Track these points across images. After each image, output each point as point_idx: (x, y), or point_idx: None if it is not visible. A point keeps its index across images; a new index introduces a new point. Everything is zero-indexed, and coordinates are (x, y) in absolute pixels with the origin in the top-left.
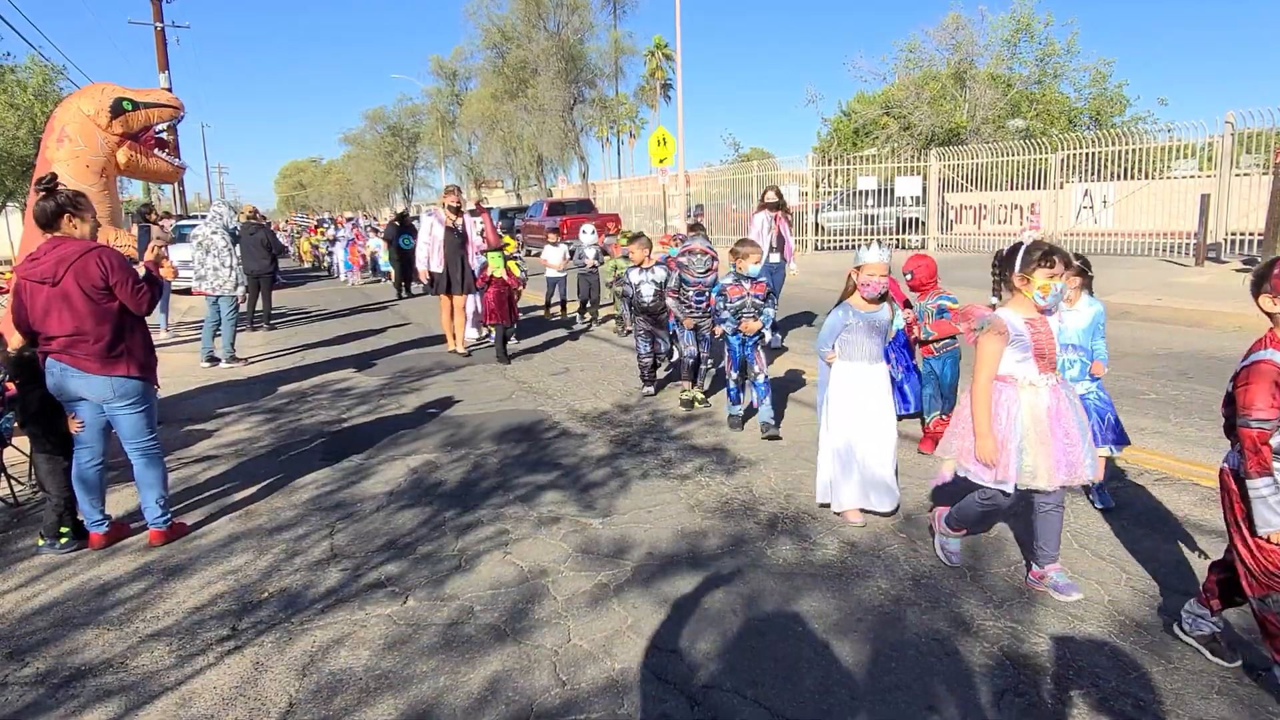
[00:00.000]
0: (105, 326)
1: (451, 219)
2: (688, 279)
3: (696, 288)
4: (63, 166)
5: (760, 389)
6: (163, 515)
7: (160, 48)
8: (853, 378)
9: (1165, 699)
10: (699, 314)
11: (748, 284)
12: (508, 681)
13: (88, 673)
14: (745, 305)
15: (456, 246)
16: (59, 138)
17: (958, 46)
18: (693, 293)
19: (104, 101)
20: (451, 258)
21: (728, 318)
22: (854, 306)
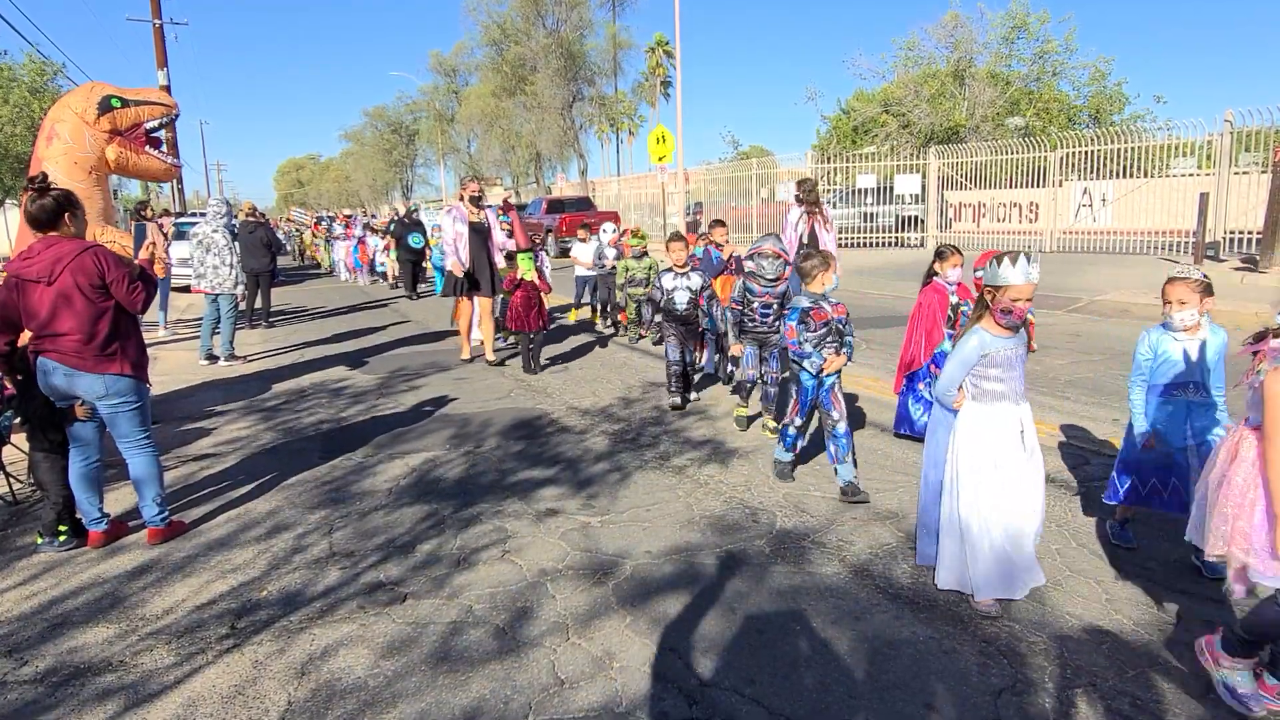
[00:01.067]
0: (100, 325)
1: (473, 212)
2: (753, 288)
3: (763, 299)
4: (53, 164)
5: (842, 442)
6: (160, 513)
7: (158, 45)
8: (993, 423)
9: (1163, 698)
10: (765, 330)
11: (828, 306)
12: (507, 680)
13: (87, 671)
14: (829, 334)
15: (480, 243)
16: (49, 136)
17: (957, 44)
18: (758, 305)
19: (93, 99)
20: (476, 255)
21: (809, 351)
22: (989, 331)
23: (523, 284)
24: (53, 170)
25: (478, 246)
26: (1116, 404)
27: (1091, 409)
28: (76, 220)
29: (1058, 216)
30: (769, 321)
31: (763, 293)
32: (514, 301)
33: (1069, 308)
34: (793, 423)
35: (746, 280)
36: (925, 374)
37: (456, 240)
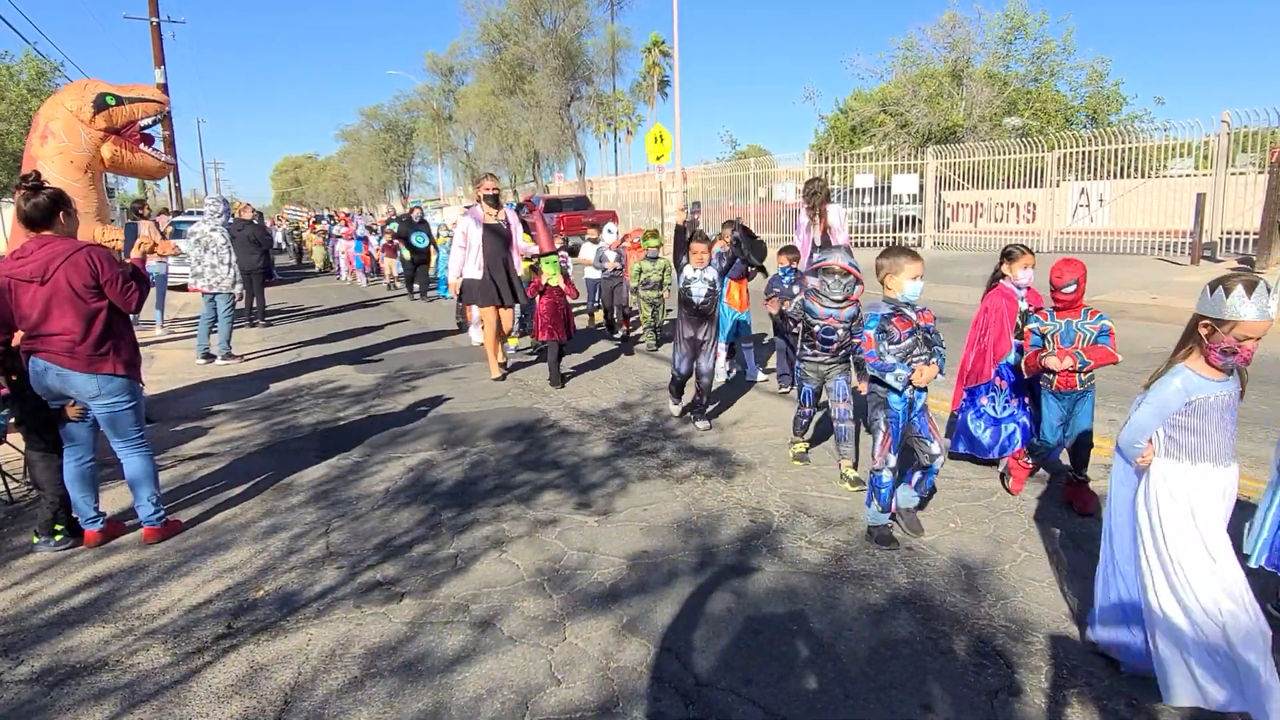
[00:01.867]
0: (93, 325)
1: (491, 214)
2: (814, 309)
3: (826, 322)
4: (48, 163)
5: (931, 477)
6: (155, 512)
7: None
8: (1199, 488)
9: (1158, 697)
10: (829, 360)
11: (912, 313)
12: (504, 680)
13: (83, 671)
14: (916, 345)
15: (500, 247)
16: (43, 134)
17: (954, 44)
18: (820, 329)
19: (87, 97)
20: (494, 260)
21: (892, 363)
22: (1198, 372)
23: (548, 290)
24: (48, 169)
25: (496, 250)
26: (1112, 404)
27: None
28: (70, 219)
29: (1055, 217)
30: (832, 349)
31: (827, 315)
32: (540, 309)
33: None
34: (885, 465)
35: (808, 300)
36: (990, 388)
37: (466, 250)
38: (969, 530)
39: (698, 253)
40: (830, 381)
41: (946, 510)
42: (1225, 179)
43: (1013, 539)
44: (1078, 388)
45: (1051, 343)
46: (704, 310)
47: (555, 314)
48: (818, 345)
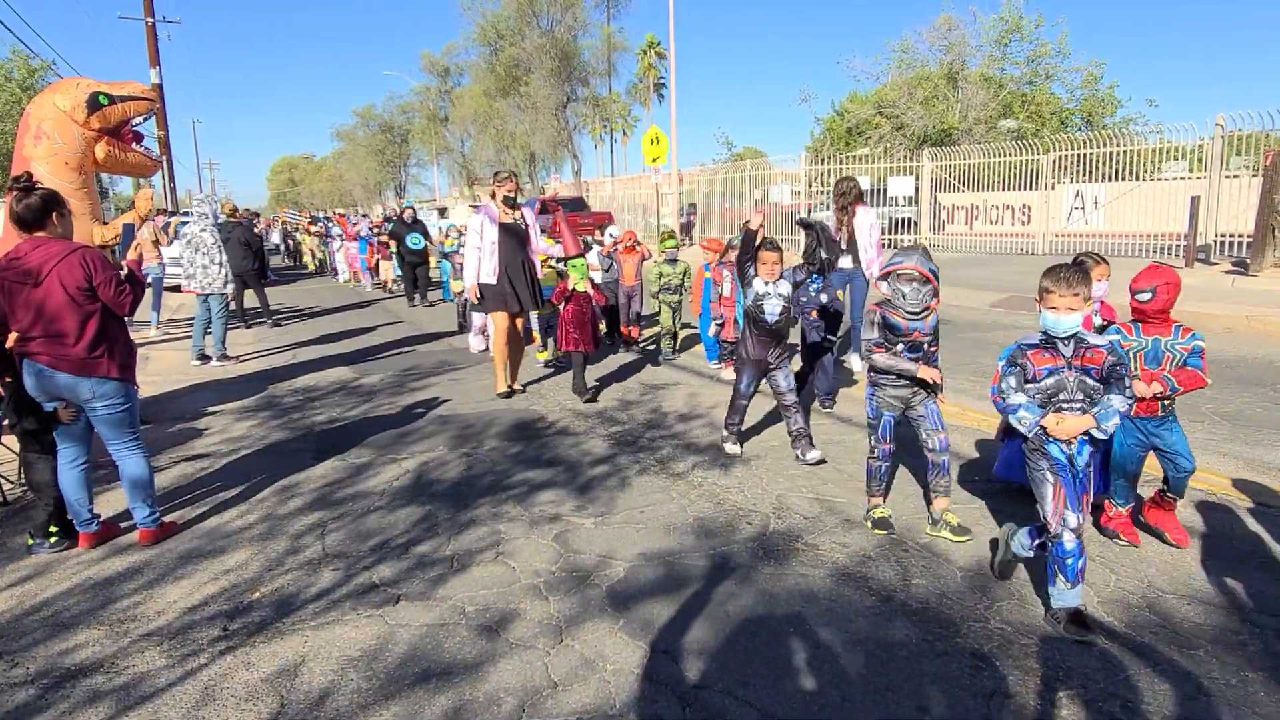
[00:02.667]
0: (87, 327)
1: (508, 214)
2: (895, 321)
3: (911, 338)
4: (41, 164)
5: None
6: (150, 514)
7: (151, 43)
8: None
9: (1153, 700)
10: (910, 385)
11: (1067, 349)
12: (501, 683)
13: (79, 673)
14: (1065, 388)
15: (515, 249)
16: (36, 135)
17: (950, 47)
18: (904, 347)
19: (80, 96)
20: (511, 264)
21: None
22: None
23: (574, 296)
24: (41, 170)
25: (513, 252)
26: None
27: None
28: (63, 220)
29: (1050, 219)
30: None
31: (911, 329)
32: (564, 317)
33: None
34: (1064, 526)
35: (884, 313)
36: None
37: (480, 251)
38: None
39: (768, 263)
40: (919, 408)
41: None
42: (1219, 182)
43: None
44: (1159, 414)
45: (1135, 362)
46: (778, 330)
47: (582, 322)
48: None
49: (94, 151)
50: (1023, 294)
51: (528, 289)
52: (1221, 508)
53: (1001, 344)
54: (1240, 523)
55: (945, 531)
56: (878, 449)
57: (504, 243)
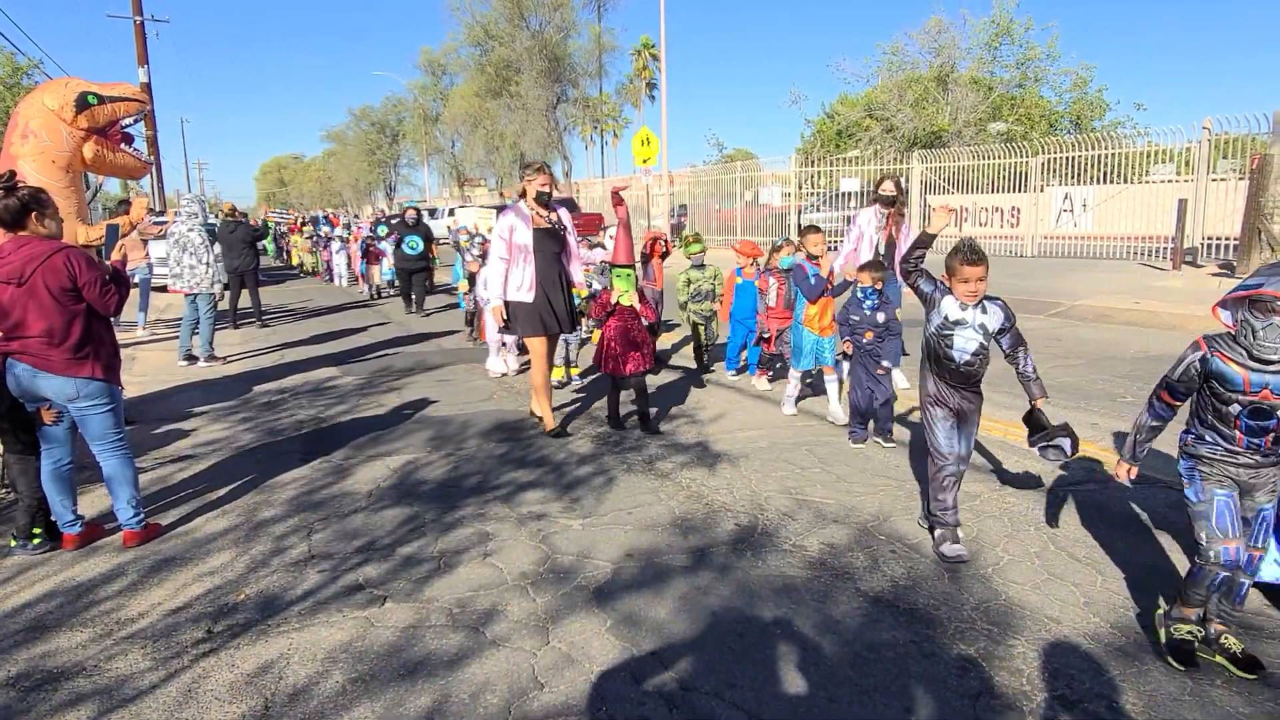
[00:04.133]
0: (72, 327)
1: (542, 215)
2: (1229, 372)
3: (1258, 398)
4: (28, 163)
5: None
6: (135, 515)
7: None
8: None
9: (1138, 701)
10: (1263, 457)
11: None
12: (486, 683)
13: (61, 676)
14: None
15: (552, 258)
16: (24, 134)
17: (940, 50)
18: (1240, 409)
19: (69, 96)
20: (547, 276)
21: None
22: None
23: (618, 310)
24: (28, 168)
25: (550, 262)
26: (1096, 408)
27: (1071, 413)
28: (45, 219)
29: (1039, 221)
30: (1268, 438)
31: (1260, 384)
32: (606, 335)
33: (1049, 312)
34: None
35: (1213, 355)
36: None
37: (510, 260)
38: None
39: (970, 280)
40: (1258, 498)
41: None
42: (1206, 185)
43: (995, 543)
44: None
45: None
46: (972, 375)
47: (627, 342)
48: (1238, 429)
49: (82, 151)
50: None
51: (565, 306)
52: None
53: None
54: None
55: (1222, 658)
56: (1215, 550)
57: (539, 251)
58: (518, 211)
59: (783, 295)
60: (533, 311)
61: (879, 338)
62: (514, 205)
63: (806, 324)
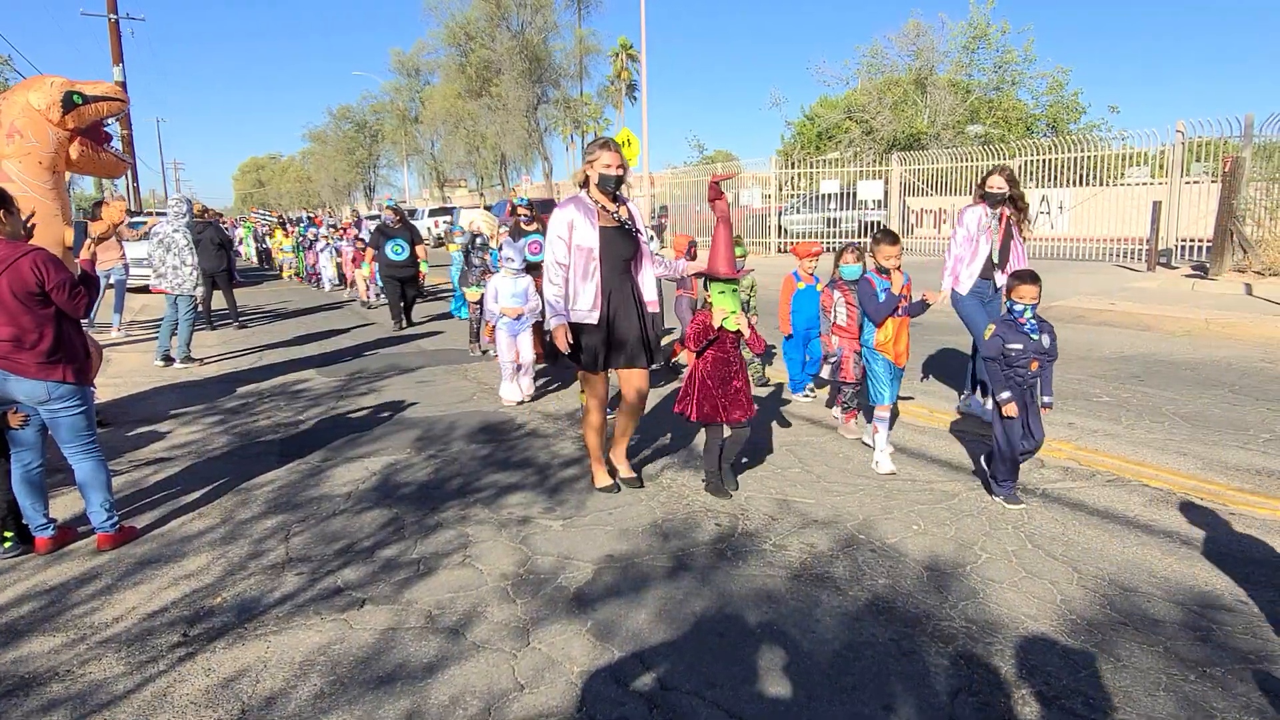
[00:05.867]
0: (42, 331)
1: (610, 209)
2: None
3: None
4: (14, 163)
5: None
6: (109, 519)
7: (114, 40)
8: None
9: (1114, 696)
10: None
11: None
12: (466, 686)
13: (33, 681)
14: None
15: (622, 266)
16: (9, 133)
17: (919, 53)
18: None
19: (54, 95)
20: (618, 290)
21: None
22: None
23: (721, 338)
24: (13, 169)
25: (619, 273)
26: (1073, 408)
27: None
28: (12, 219)
29: None
30: None
31: None
32: (699, 370)
33: None
34: None
35: None
36: None
37: (569, 268)
38: (931, 532)
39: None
40: None
41: (910, 512)
42: (1180, 187)
43: (974, 540)
44: None
45: None
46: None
47: (725, 378)
48: None
49: (68, 151)
50: None
51: (640, 330)
52: (1181, 506)
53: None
54: (1199, 520)
55: None
56: None
57: (606, 257)
58: (579, 204)
59: (855, 313)
60: (596, 337)
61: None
62: (575, 197)
63: (879, 349)
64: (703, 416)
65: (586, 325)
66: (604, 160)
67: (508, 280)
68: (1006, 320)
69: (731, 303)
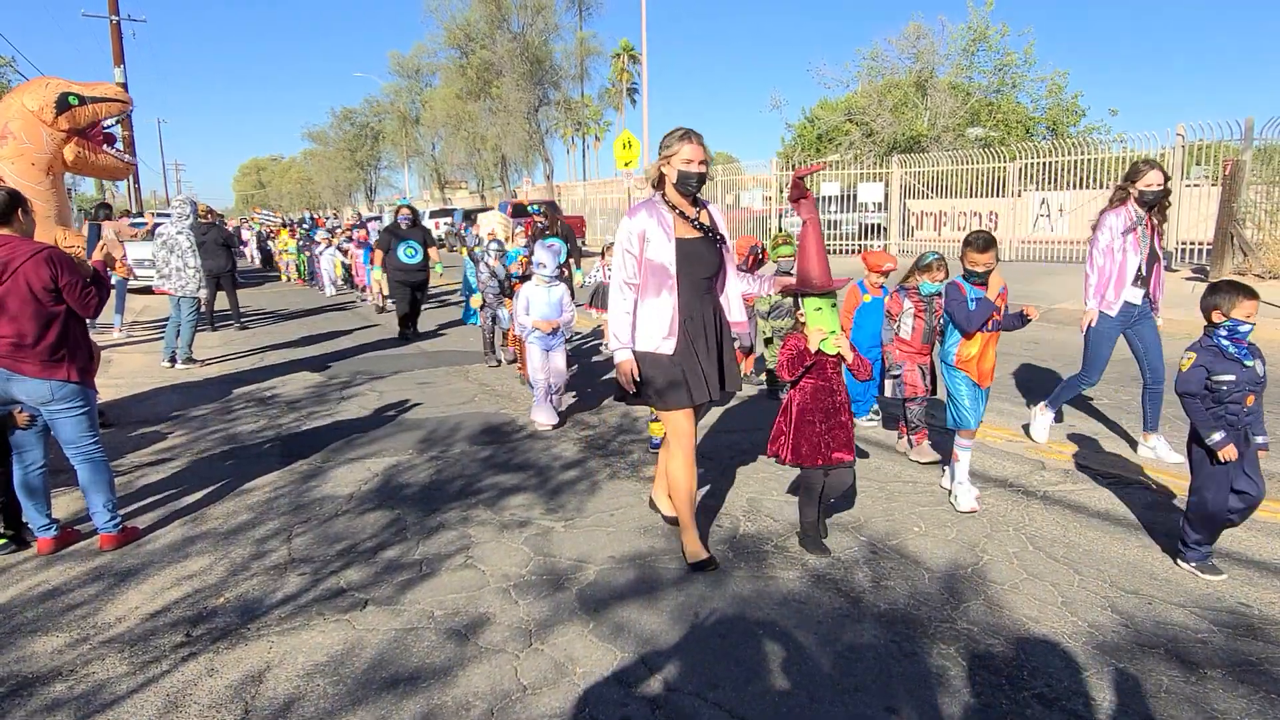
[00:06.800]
0: (49, 329)
1: (690, 216)
2: None
3: None
4: (8, 165)
5: None
6: (112, 519)
7: (115, 41)
8: None
9: (1116, 698)
10: None
11: None
12: (470, 688)
13: (36, 681)
14: None
15: (703, 286)
16: (2, 135)
17: (919, 55)
18: None
19: (49, 96)
20: (696, 314)
21: None
22: None
23: (820, 363)
24: (7, 169)
25: (699, 292)
26: (1071, 410)
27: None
28: (28, 217)
29: (1017, 226)
30: None
31: None
32: (797, 402)
33: None
34: None
35: None
36: None
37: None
38: (932, 535)
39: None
40: None
41: (910, 515)
42: (1180, 190)
43: (975, 542)
44: None
45: None
46: None
47: (829, 412)
48: None
49: (63, 153)
50: None
51: (717, 359)
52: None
53: None
54: None
55: None
56: None
57: (685, 273)
58: (653, 210)
59: (921, 326)
60: (674, 371)
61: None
62: (647, 201)
63: (962, 366)
64: (800, 459)
65: (664, 359)
66: (684, 155)
67: (540, 289)
68: (1209, 346)
69: (830, 320)
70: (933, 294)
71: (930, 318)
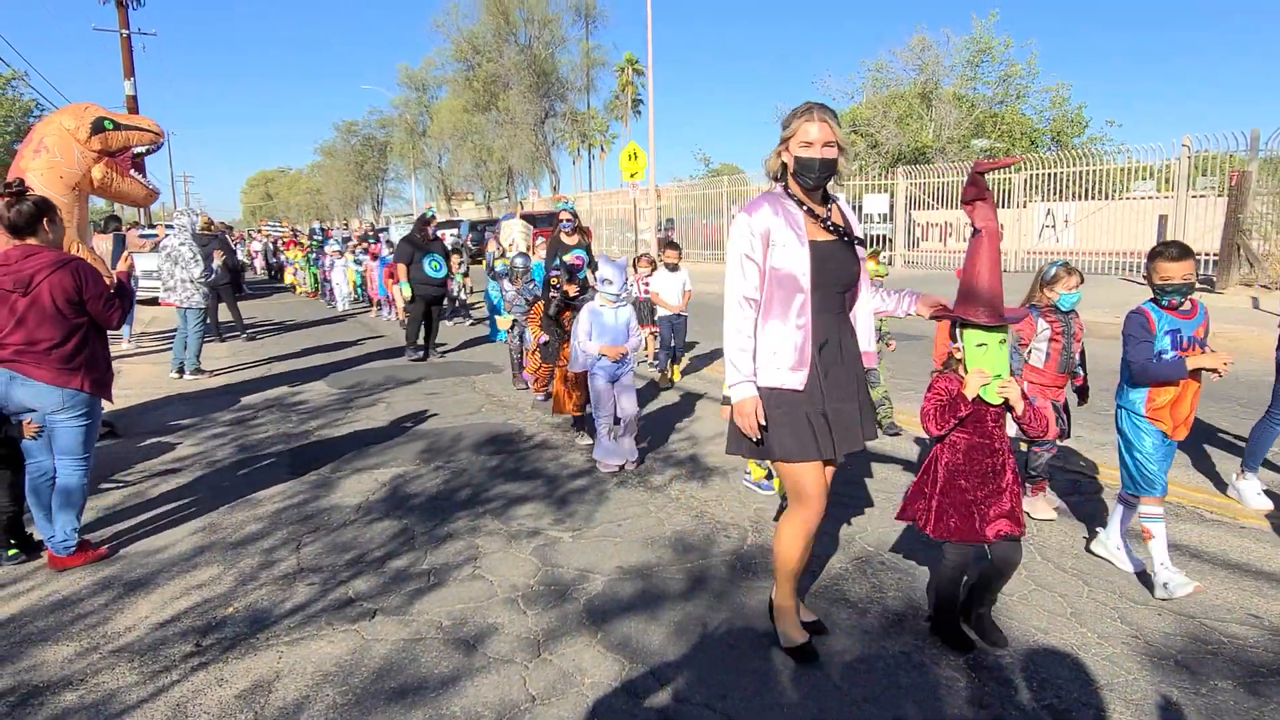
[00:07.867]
0: (70, 339)
1: (821, 215)
2: None
3: None
4: (36, 176)
5: None
6: (66, 541)
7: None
8: None
9: (1125, 710)
10: None
11: None
12: (479, 698)
13: (46, 690)
14: None
15: (839, 297)
16: (36, 148)
17: (923, 67)
18: None
19: (85, 118)
20: (832, 334)
21: None
22: None
23: (981, 415)
24: (34, 180)
25: (833, 310)
26: (1080, 420)
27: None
28: (55, 227)
29: (1022, 237)
30: None
31: None
32: (943, 462)
33: None
34: None
35: None
36: None
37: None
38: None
39: None
40: None
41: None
42: (1186, 201)
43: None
44: None
45: None
46: None
47: (989, 472)
48: None
49: (92, 173)
50: None
51: (855, 396)
52: (1189, 518)
53: None
54: (1208, 533)
55: None
56: None
57: (819, 284)
58: (777, 205)
59: (1058, 352)
60: (802, 411)
61: None
62: (768, 194)
63: (1153, 418)
64: (946, 532)
65: (793, 394)
66: (802, 135)
67: (607, 310)
68: None
69: (997, 362)
70: (1072, 308)
71: (1069, 341)
